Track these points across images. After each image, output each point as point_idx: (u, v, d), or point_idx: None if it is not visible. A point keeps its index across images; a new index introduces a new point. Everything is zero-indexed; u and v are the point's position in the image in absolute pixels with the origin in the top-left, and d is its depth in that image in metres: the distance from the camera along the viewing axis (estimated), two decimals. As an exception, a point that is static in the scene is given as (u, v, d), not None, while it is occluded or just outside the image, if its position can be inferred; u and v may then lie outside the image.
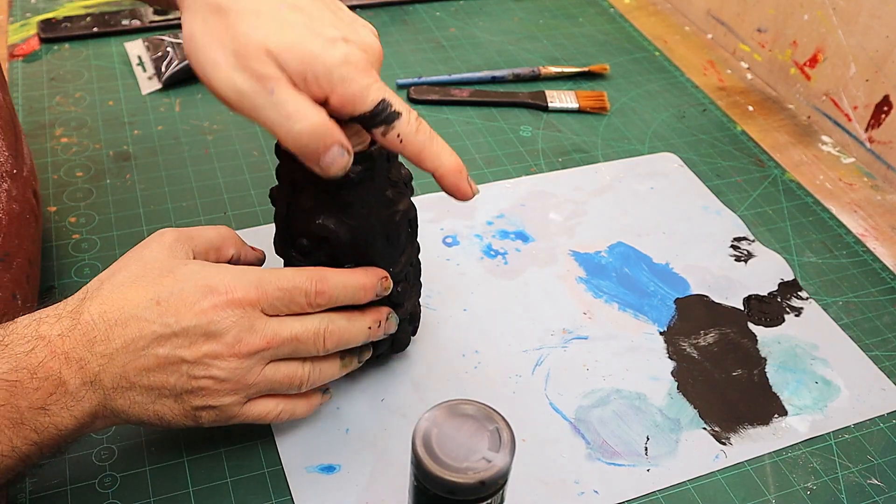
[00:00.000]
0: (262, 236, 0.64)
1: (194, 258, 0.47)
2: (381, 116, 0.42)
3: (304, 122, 0.40)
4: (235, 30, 0.41)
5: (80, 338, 0.42)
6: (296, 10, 0.42)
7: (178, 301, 0.43)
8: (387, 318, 0.49)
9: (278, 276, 0.45)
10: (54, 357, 0.41)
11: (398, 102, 0.43)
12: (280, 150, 0.46)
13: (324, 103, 0.42)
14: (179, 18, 0.88)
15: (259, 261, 0.52)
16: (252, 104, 0.41)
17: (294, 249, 0.48)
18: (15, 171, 0.54)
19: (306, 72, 0.41)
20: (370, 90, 0.42)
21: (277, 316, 0.45)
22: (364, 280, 0.47)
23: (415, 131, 0.43)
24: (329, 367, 0.48)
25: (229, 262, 0.50)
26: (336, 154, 0.41)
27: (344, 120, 0.43)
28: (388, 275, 0.48)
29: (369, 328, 0.48)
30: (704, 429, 0.54)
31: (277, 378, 0.46)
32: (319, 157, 0.42)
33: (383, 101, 0.42)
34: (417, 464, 0.38)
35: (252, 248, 0.52)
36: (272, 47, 0.40)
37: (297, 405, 0.49)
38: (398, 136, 0.43)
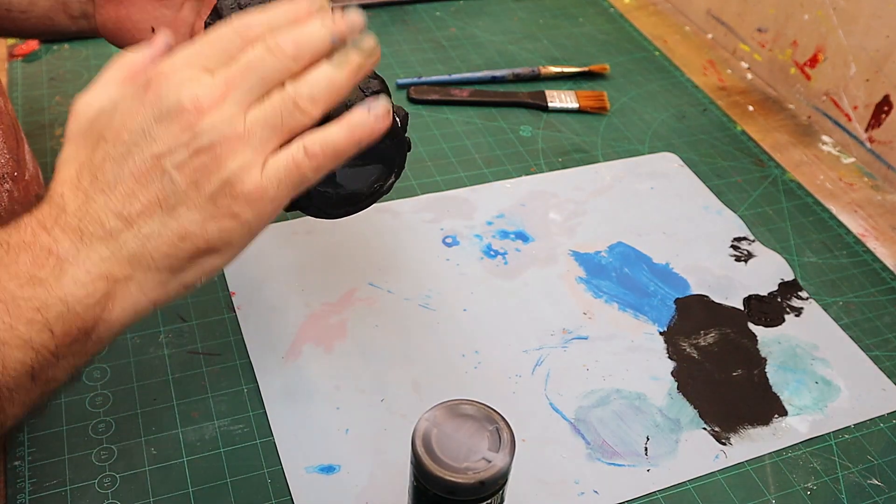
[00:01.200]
0: (262, 236, 0.64)
1: None
2: None
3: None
4: None
5: (48, 206, 0.38)
6: None
7: (119, 117, 0.39)
8: (342, 12, 0.41)
9: (198, 38, 0.40)
10: (25, 228, 0.37)
11: None
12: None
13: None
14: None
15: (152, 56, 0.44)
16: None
17: None
18: (16, 173, 0.54)
19: None
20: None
21: (223, 66, 0.39)
22: (294, 2, 0.40)
23: None
24: (316, 73, 0.40)
25: None
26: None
27: None
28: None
29: (322, 23, 0.40)
30: (704, 429, 0.54)
31: (268, 111, 0.39)
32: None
33: None
34: (417, 464, 0.38)
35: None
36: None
37: (325, 131, 0.40)
38: None
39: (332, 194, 0.46)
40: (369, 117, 0.40)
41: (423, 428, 0.39)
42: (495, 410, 0.40)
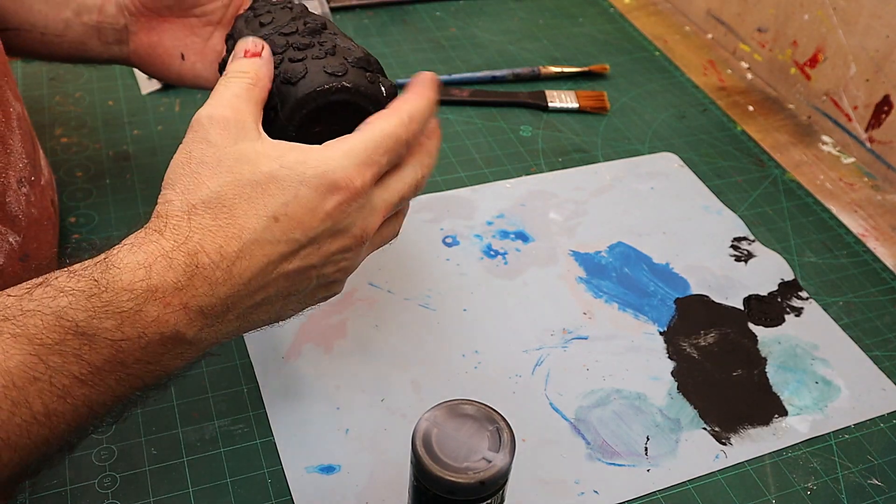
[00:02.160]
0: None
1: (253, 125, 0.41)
2: None
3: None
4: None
5: (202, 284, 0.37)
6: None
7: (298, 210, 0.38)
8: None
9: (380, 140, 0.41)
10: (170, 312, 0.36)
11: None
12: None
13: None
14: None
15: (270, 76, 0.45)
16: None
17: None
18: (33, 178, 0.55)
19: None
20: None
21: (382, 181, 0.42)
22: (429, 92, 0.44)
23: None
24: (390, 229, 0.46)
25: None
26: None
27: None
28: (432, 74, 0.45)
29: (436, 143, 0.46)
30: (704, 429, 0.54)
31: (385, 237, 0.45)
32: None
33: None
34: (417, 464, 0.38)
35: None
36: None
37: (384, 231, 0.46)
38: None
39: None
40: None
41: (423, 428, 0.39)
42: (495, 410, 0.40)
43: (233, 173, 0.38)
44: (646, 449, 0.53)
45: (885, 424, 0.56)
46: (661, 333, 0.60)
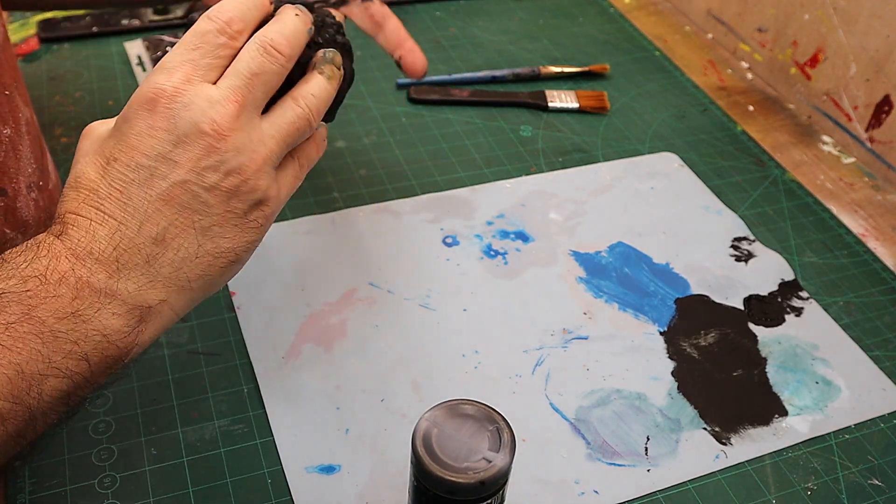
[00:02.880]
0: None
1: None
2: None
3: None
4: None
5: (77, 232, 0.38)
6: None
7: (129, 142, 0.39)
8: (299, 9, 0.45)
9: (180, 42, 0.41)
10: (60, 258, 0.37)
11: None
12: None
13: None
14: (179, 18, 0.88)
15: None
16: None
17: None
18: (41, 183, 0.55)
19: None
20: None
21: (222, 76, 0.41)
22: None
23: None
24: (314, 84, 0.44)
25: None
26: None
27: None
28: None
29: (296, 14, 0.44)
30: (705, 429, 0.54)
31: (283, 128, 0.42)
32: None
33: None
34: (417, 464, 0.38)
35: None
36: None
37: (308, 150, 0.46)
38: None
39: None
40: (325, 142, 0.48)
41: (424, 428, 0.39)
42: (495, 410, 0.40)
43: (83, 153, 0.41)
44: (646, 449, 0.53)
45: (886, 424, 0.56)
46: (661, 333, 0.60)
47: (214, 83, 0.40)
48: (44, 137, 0.72)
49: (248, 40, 0.42)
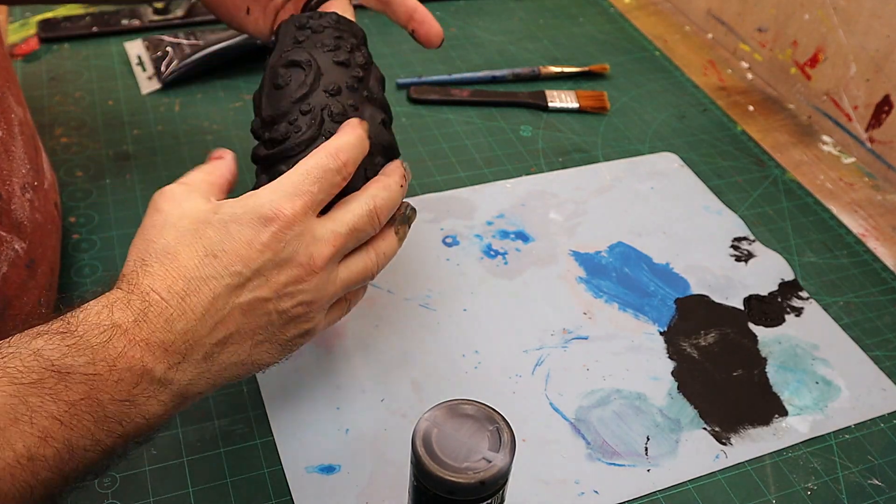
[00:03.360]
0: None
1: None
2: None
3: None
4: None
5: (157, 319, 0.39)
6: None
7: (234, 245, 0.41)
8: (404, 168, 0.50)
9: (305, 172, 0.44)
10: (134, 345, 0.38)
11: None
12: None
13: None
14: (179, 18, 0.88)
15: (230, 170, 0.50)
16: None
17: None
18: (36, 183, 0.55)
19: None
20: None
21: (325, 214, 0.45)
22: (358, 130, 0.47)
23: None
24: (388, 244, 0.49)
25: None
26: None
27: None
28: (360, 119, 0.48)
29: (401, 185, 0.48)
30: (705, 429, 0.54)
31: (353, 276, 0.46)
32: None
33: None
34: (417, 464, 0.38)
35: (215, 157, 0.51)
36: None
37: (357, 294, 0.50)
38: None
39: None
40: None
41: (424, 428, 0.39)
42: (495, 410, 0.40)
43: (176, 228, 0.42)
44: (646, 449, 0.53)
45: (886, 424, 0.56)
46: (661, 333, 0.60)
47: (319, 215, 0.45)
48: (43, 137, 0.72)
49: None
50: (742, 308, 0.62)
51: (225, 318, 0.41)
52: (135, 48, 0.83)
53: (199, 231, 0.42)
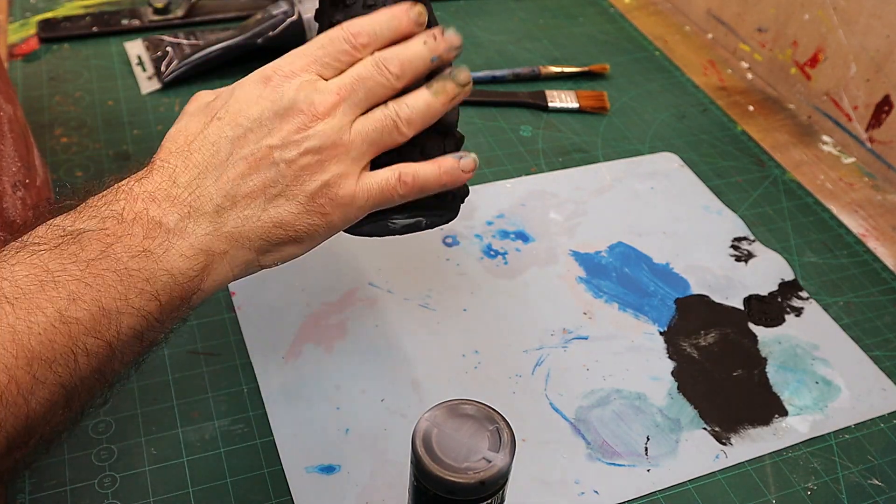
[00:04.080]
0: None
1: None
2: None
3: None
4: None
5: (160, 176, 0.41)
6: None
7: (237, 104, 0.42)
8: (442, 33, 0.46)
9: (314, 41, 0.44)
10: (138, 199, 0.40)
11: None
12: None
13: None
14: (179, 18, 0.88)
15: None
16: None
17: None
18: (28, 181, 0.55)
19: None
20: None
21: (337, 72, 0.44)
22: (394, 10, 0.45)
23: None
24: (416, 98, 0.45)
25: None
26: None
27: None
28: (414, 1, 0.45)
29: (424, 42, 0.45)
30: (705, 429, 0.54)
31: (370, 128, 0.44)
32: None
33: None
34: (417, 464, 0.38)
35: None
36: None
37: (419, 166, 0.45)
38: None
39: (394, 227, 0.50)
40: (458, 167, 0.46)
41: (423, 428, 0.39)
42: (495, 410, 0.40)
43: (190, 112, 0.44)
44: (646, 449, 0.53)
45: (886, 424, 0.56)
46: (661, 333, 0.60)
47: (329, 77, 0.44)
48: (43, 137, 0.72)
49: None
50: (742, 308, 0.62)
51: (229, 169, 0.41)
52: (135, 48, 0.83)
53: (209, 105, 0.44)
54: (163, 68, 0.79)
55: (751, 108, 0.85)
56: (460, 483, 0.37)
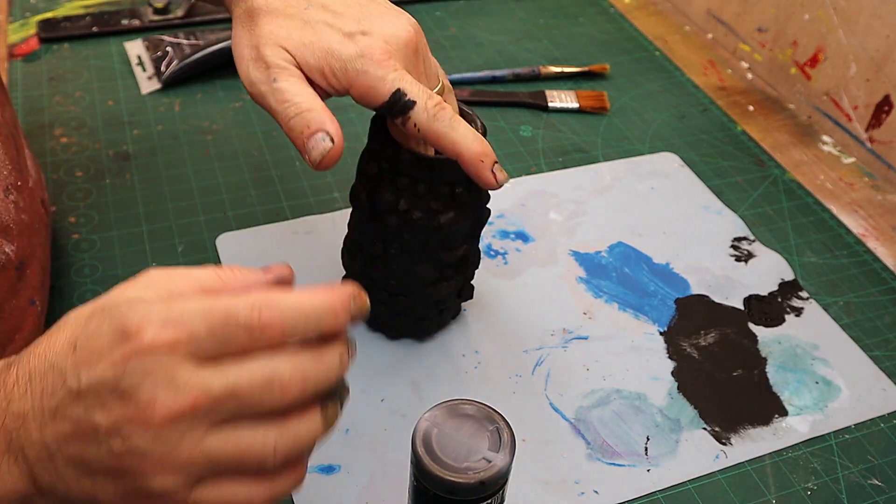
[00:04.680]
0: (263, 236, 0.64)
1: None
2: (396, 106, 0.44)
3: (294, 107, 0.44)
4: (259, 29, 0.45)
5: (1, 393, 0.34)
6: (321, 7, 0.46)
7: (92, 345, 0.33)
8: (350, 342, 0.36)
9: (209, 305, 0.33)
10: None
11: (416, 91, 0.44)
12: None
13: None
14: (179, 18, 0.88)
15: (283, 278, 0.37)
16: (259, 92, 0.45)
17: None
18: (20, 182, 0.54)
19: (324, 67, 0.44)
20: (384, 82, 0.44)
21: (213, 362, 0.32)
22: (330, 299, 0.34)
23: (431, 118, 0.44)
24: (306, 424, 0.34)
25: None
26: (318, 139, 0.43)
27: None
28: (361, 289, 0.35)
29: (340, 360, 0.35)
30: (705, 429, 0.54)
31: (226, 452, 0.33)
32: (303, 141, 0.44)
33: (397, 91, 0.44)
34: (417, 464, 0.38)
35: (267, 269, 0.37)
36: (288, 45, 0.44)
37: (273, 486, 0.35)
38: (414, 124, 0.45)
39: None
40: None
41: (424, 428, 0.39)
42: (495, 410, 0.40)
43: (95, 301, 0.35)
44: (646, 449, 0.53)
45: (886, 424, 0.56)
46: (661, 333, 0.60)
47: (199, 365, 0.32)
48: (43, 137, 0.72)
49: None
50: (742, 308, 0.62)
51: (54, 422, 0.33)
52: (135, 48, 0.83)
53: (93, 312, 0.34)
54: (163, 68, 0.79)
55: (751, 108, 0.85)
56: (460, 483, 0.37)
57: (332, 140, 0.44)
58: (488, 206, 0.53)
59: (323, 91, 0.46)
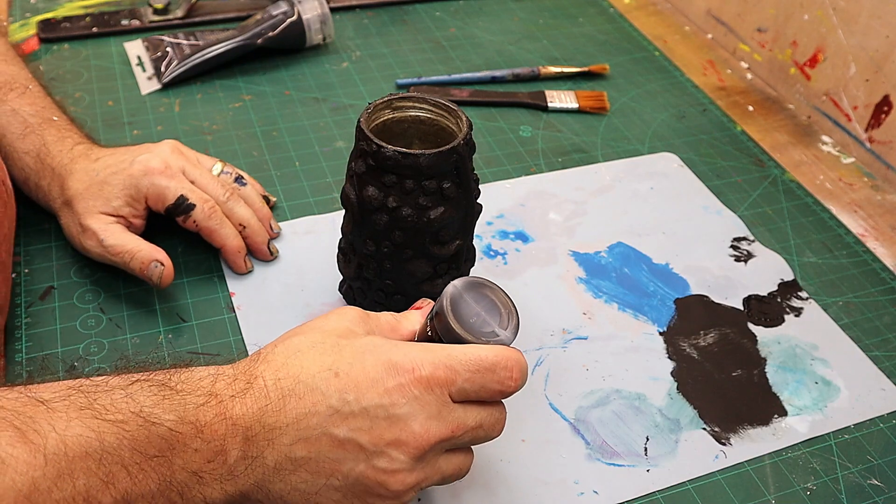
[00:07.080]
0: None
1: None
2: (180, 208, 0.57)
3: (128, 254, 0.56)
4: (78, 209, 0.57)
5: (252, 404, 0.38)
6: (105, 158, 0.59)
7: (359, 374, 0.39)
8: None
9: (471, 354, 0.40)
10: (222, 420, 0.38)
11: (195, 196, 0.57)
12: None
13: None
14: (178, 18, 0.88)
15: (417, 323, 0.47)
16: (97, 254, 0.57)
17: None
18: None
19: (129, 194, 0.57)
20: (168, 191, 0.57)
21: (464, 401, 0.41)
22: (520, 358, 0.42)
23: (207, 218, 0.58)
24: (471, 458, 0.44)
25: None
26: (152, 268, 0.56)
27: None
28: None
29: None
30: (704, 429, 0.54)
31: (448, 471, 0.42)
32: (143, 272, 0.56)
33: (180, 196, 0.57)
34: (438, 318, 0.42)
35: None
36: (104, 209, 0.57)
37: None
38: (194, 222, 0.58)
39: None
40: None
41: (451, 292, 0.42)
42: (507, 297, 0.44)
43: (322, 332, 0.42)
44: (645, 449, 0.53)
45: (885, 424, 0.56)
46: (660, 333, 0.60)
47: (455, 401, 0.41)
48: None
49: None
50: (741, 308, 0.62)
51: (314, 437, 0.39)
52: (135, 48, 0.83)
53: (338, 346, 0.40)
54: (163, 68, 0.79)
55: (750, 108, 0.85)
56: (472, 343, 0.42)
57: (163, 264, 0.56)
58: (479, 201, 0.53)
59: (142, 216, 0.58)
